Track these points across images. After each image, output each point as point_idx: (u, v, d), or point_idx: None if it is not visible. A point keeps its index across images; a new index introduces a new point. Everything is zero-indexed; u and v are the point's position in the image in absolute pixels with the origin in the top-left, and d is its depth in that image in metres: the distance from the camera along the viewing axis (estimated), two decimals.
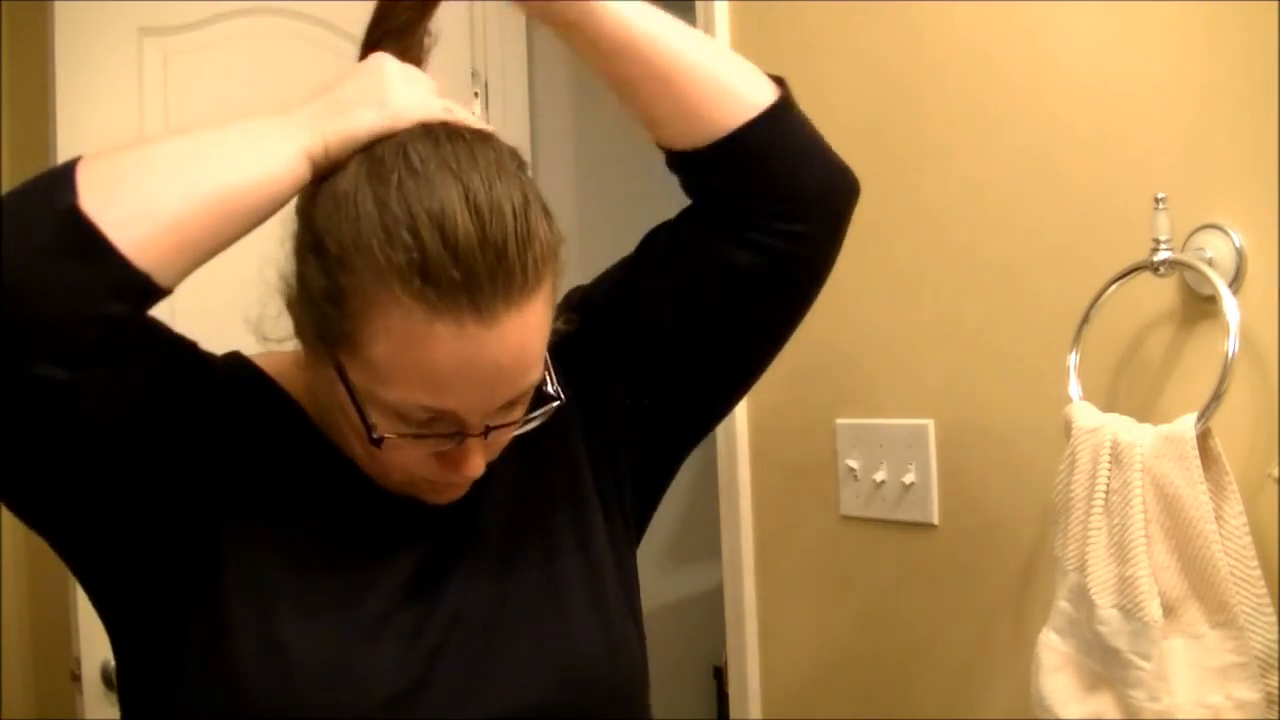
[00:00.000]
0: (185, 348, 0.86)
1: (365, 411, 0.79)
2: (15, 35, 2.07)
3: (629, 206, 1.90)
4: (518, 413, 0.83)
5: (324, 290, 0.77)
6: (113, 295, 0.71)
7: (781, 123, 0.90)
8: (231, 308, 0.88)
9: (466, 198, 0.75)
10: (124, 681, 0.88)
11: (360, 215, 0.75)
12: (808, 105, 0.93)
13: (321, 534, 0.86)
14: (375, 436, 0.78)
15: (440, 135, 0.79)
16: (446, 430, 0.80)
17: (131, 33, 2.02)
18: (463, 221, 0.74)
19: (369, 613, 0.83)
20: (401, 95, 0.81)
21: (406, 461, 0.82)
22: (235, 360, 0.91)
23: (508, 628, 0.87)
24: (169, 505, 0.81)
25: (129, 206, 0.71)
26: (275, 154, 0.77)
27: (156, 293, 0.73)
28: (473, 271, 0.74)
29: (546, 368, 0.83)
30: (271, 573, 0.82)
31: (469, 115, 0.83)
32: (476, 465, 0.82)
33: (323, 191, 0.79)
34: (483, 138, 0.81)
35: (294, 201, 0.81)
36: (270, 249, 0.84)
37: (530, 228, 0.77)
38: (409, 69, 0.84)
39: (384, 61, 0.83)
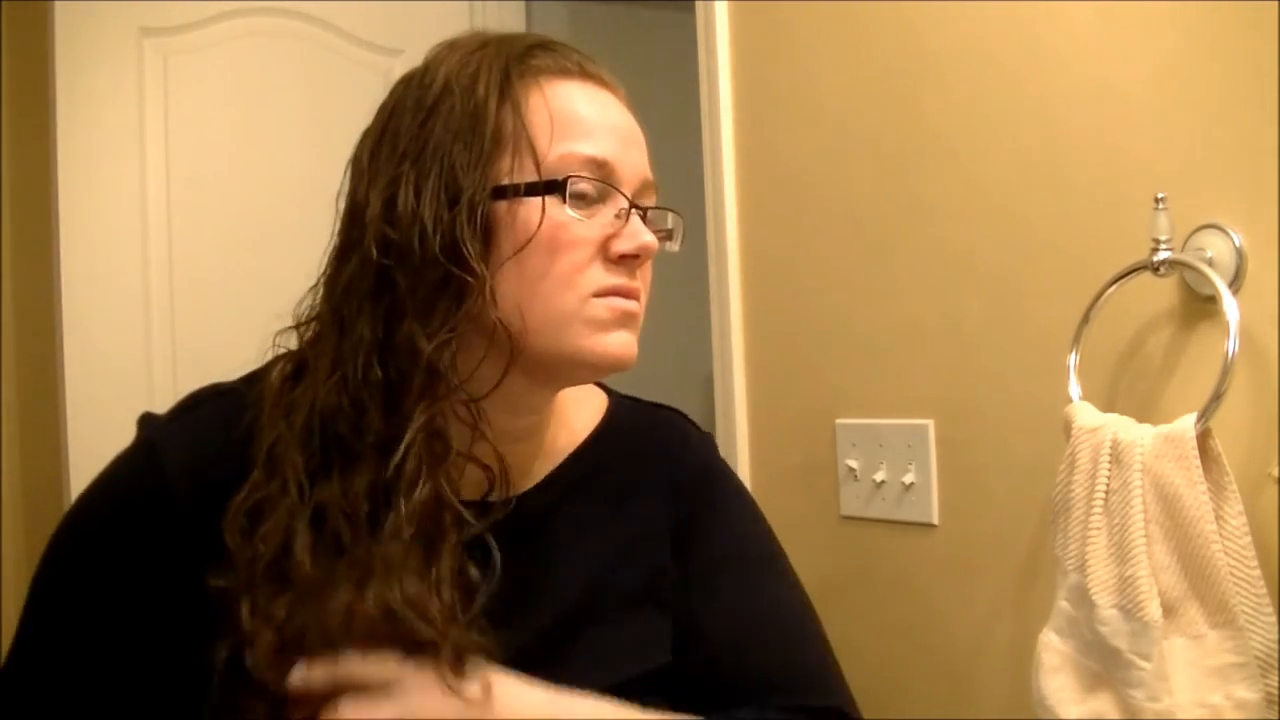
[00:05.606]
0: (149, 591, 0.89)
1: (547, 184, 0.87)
2: (15, 35, 2.07)
3: None
4: (653, 198, 0.94)
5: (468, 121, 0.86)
6: None
7: None
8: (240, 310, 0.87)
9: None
10: None
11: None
12: (807, 106, 0.93)
13: None
14: (562, 179, 0.86)
15: None
16: (608, 197, 0.89)
17: (131, 33, 2.02)
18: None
19: None
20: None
21: (585, 257, 0.87)
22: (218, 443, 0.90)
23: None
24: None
25: None
26: None
27: None
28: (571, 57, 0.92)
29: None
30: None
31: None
32: (648, 239, 0.89)
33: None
34: None
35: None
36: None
37: None
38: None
39: None
